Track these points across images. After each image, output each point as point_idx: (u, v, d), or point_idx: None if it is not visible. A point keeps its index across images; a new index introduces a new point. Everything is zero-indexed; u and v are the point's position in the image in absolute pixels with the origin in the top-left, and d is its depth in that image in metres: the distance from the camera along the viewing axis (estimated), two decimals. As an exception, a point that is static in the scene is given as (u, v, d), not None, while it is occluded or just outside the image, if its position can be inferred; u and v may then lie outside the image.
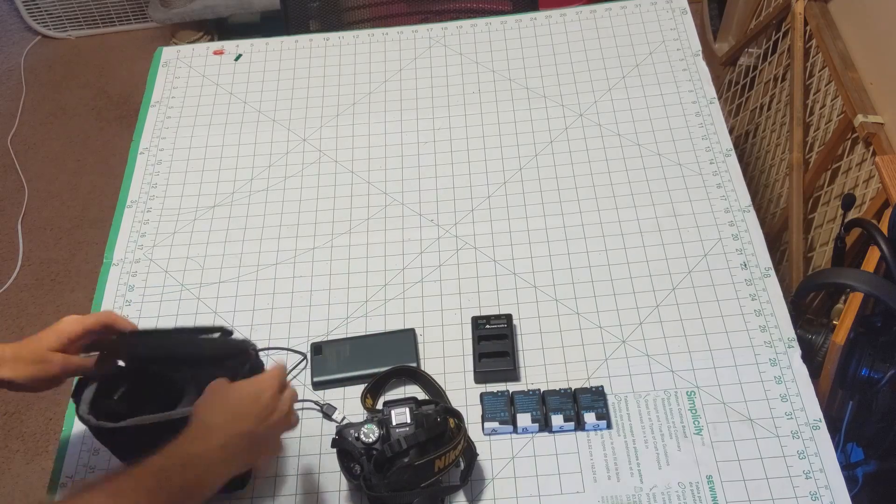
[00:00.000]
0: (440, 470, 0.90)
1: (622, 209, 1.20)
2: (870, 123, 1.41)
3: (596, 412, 0.99)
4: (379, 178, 1.28)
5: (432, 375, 1.04)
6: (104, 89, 2.73)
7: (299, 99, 1.40)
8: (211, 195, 1.29)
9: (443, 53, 1.44)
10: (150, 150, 1.35)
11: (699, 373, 1.03)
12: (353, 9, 1.74)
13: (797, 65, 1.66)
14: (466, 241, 1.19)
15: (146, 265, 1.21)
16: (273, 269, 1.19)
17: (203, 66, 1.47)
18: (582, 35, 1.43)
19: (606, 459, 0.97)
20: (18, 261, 2.32)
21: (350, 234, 1.22)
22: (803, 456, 0.95)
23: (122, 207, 1.28)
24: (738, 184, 1.20)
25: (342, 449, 0.92)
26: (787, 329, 1.06)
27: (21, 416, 2.04)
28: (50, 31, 2.89)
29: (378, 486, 0.89)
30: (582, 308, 1.10)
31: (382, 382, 1.05)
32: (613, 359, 1.05)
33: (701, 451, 0.97)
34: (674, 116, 1.30)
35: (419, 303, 1.13)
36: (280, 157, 1.32)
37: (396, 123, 1.35)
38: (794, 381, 1.01)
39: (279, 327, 1.13)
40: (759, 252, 1.13)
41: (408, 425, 0.91)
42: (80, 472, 1.02)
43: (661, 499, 0.94)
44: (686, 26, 1.42)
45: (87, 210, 2.42)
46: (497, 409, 1.01)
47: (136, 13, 2.85)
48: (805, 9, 1.66)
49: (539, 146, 1.29)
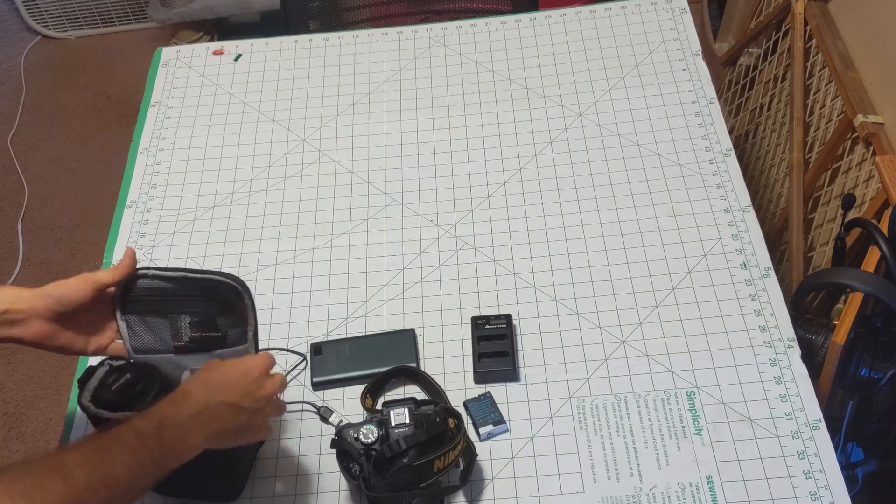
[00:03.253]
0: (439, 470, 0.90)
1: (622, 209, 1.20)
2: (870, 123, 1.41)
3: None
4: (379, 179, 1.28)
5: (432, 375, 1.04)
6: (104, 89, 2.73)
7: (299, 99, 1.40)
8: (211, 195, 1.29)
9: (443, 53, 1.44)
10: (150, 150, 1.35)
11: (699, 373, 1.03)
12: (353, 9, 1.74)
13: (797, 65, 1.66)
14: (466, 241, 1.19)
15: (147, 265, 1.20)
16: (273, 269, 1.19)
17: (203, 66, 1.47)
18: (582, 35, 1.43)
19: (606, 459, 0.97)
20: (18, 261, 2.32)
21: (350, 234, 1.22)
22: (803, 456, 0.95)
23: (122, 207, 1.28)
24: (737, 184, 1.20)
25: (341, 449, 0.92)
26: (787, 329, 1.06)
27: (21, 416, 2.04)
28: (50, 31, 2.89)
29: (377, 487, 0.89)
30: (582, 308, 1.10)
31: (382, 383, 1.05)
32: (613, 359, 1.05)
33: (701, 452, 0.97)
34: (673, 116, 1.30)
35: (419, 303, 1.13)
36: (280, 158, 1.32)
37: (396, 123, 1.35)
38: (793, 381, 1.01)
39: (279, 327, 1.13)
40: (759, 252, 1.13)
41: (407, 425, 0.91)
42: (79, 472, 1.01)
43: (661, 499, 0.94)
44: (686, 26, 1.42)
45: (87, 210, 2.42)
46: (485, 413, 1.01)
47: (136, 13, 2.85)
48: (805, 9, 1.66)
49: (539, 146, 1.29)
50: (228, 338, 0.91)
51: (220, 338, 0.92)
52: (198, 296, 0.90)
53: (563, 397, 1.03)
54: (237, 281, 0.89)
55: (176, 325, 0.91)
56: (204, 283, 0.90)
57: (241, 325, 0.91)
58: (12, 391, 2.09)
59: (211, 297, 0.90)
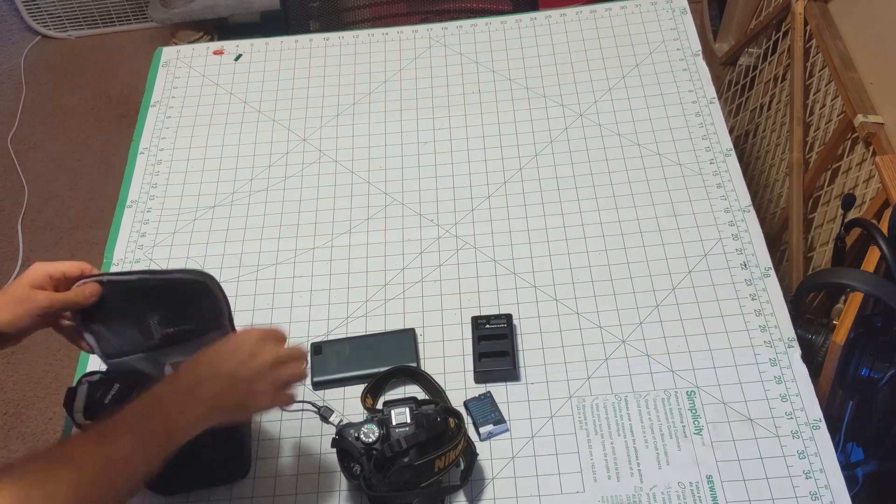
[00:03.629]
0: (440, 470, 0.90)
1: (622, 209, 1.20)
2: (870, 123, 1.41)
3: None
4: (379, 178, 1.28)
5: (432, 375, 1.04)
6: (104, 89, 2.73)
7: (299, 99, 1.40)
8: (211, 195, 1.29)
9: (443, 53, 1.44)
10: (150, 150, 1.36)
11: (699, 373, 1.03)
12: (353, 9, 1.74)
13: (797, 65, 1.66)
14: (466, 240, 1.19)
15: (146, 265, 1.21)
16: (273, 269, 1.19)
17: (203, 66, 1.47)
18: (582, 35, 1.43)
19: (606, 459, 0.97)
20: (18, 261, 2.32)
21: (350, 234, 1.22)
22: (803, 456, 0.95)
23: (122, 207, 1.28)
24: (738, 184, 1.20)
25: (342, 449, 0.92)
26: (787, 329, 1.06)
27: (21, 416, 2.04)
28: (50, 31, 2.89)
29: (378, 486, 0.89)
30: (582, 308, 1.10)
31: (382, 382, 1.05)
32: (613, 358, 1.05)
33: (701, 451, 0.97)
34: (674, 116, 1.30)
35: (419, 303, 1.13)
36: (280, 157, 1.33)
37: (396, 123, 1.35)
38: (794, 381, 1.01)
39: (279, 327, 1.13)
40: (759, 252, 1.13)
41: (408, 425, 0.91)
42: (80, 471, 1.02)
43: (661, 499, 0.94)
44: (686, 26, 1.42)
45: (87, 210, 2.42)
46: (486, 412, 1.01)
47: (136, 13, 2.85)
48: (805, 9, 1.66)
49: (539, 146, 1.29)
50: (203, 325, 0.90)
51: (193, 329, 0.91)
52: (162, 294, 0.90)
53: (563, 397, 1.03)
54: (203, 275, 0.87)
55: (145, 324, 0.90)
56: (168, 283, 0.89)
57: (215, 313, 0.90)
58: (12, 391, 2.09)
59: (176, 294, 0.90)
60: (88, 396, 0.87)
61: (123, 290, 0.89)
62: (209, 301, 0.89)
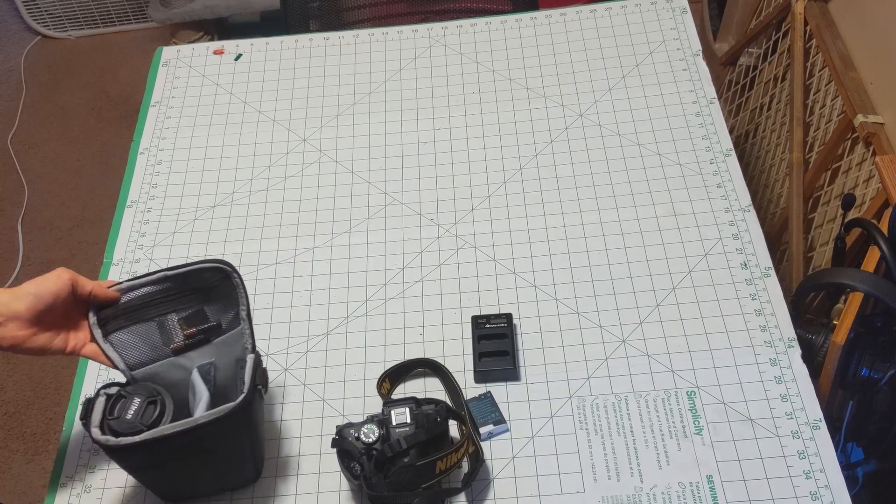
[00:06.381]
0: (441, 472, 0.90)
1: (622, 209, 1.20)
2: (870, 123, 1.41)
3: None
4: (379, 178, 1.28)
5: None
6: (104, 89, 2.73)
7: (299, 99, 1.40)
8: (211, 195, 1.29)
9: (443, 53, 1.44)
10: (151, 150, 1.36)
11: (699, 373, 1.03)
12: (353, 9, 1.74)
13: (797, 65, 1.66)
14: (466, 240, 1.19)
15: (146, 265, 1.21)
16: (273, 268, 1.19)
17: (203, 66, 1.47)
18: (582, 35, 1.43)
19: (607, 459, 0.97)
20: (18, 261, 2.32)
21: (350, 233, 1.22)
22: (803, 456, 0.95)
23: (122, 207, 1.28)
24: (738, 184, 1.20)
25: (342, 449, 0.92)
26: (787, 329, 1.06)
27: (21, 416, 2.04)
28: (50, 31, 2.89)
29: (379, 486, 0.89)
30: (582, 307, 1.10)
31: (403, 370, 1.05)
32: (613, 358, 1.05)
33: (701, 451, 0.97)
34: (674, 116, 1.30)
35: (419, 302, 1.13)
36: (280, 157, 1.33)
37: (397, 123, 1.35)
38: (794, 381, 1.01)
39: (279, 327, 1.13)
40: (759, 252, 1.13)
41: (408, 425, 0.91)
42: (80, 472, 1.02)
43: (661, 499, 0.94)
44: (686, 26, 1.42)
45: (87, 210, 2.42)
46: (486, 412, 1.01)
47: (136, 13, 2.85)
48: (805, 9, 1.66)
49: (539, 146, 1.29)
50: (223, 324, 0.91)
51: (216, 326, 0.91)
52: (181, 291, 0.90)
53: (563, 397, 1.03)
54: (223, 262, 0.88)
55: (165, 328, 0.90)
56: (187, 276, 0.90)
57: (233, 307, 0.90)
58: (12, 391, 2.09)
59: (195, 287, 0.90)
60: (106, 411, 0.85)
61: (142, 290, 0.89)
62: (229, 292, 0.89)
